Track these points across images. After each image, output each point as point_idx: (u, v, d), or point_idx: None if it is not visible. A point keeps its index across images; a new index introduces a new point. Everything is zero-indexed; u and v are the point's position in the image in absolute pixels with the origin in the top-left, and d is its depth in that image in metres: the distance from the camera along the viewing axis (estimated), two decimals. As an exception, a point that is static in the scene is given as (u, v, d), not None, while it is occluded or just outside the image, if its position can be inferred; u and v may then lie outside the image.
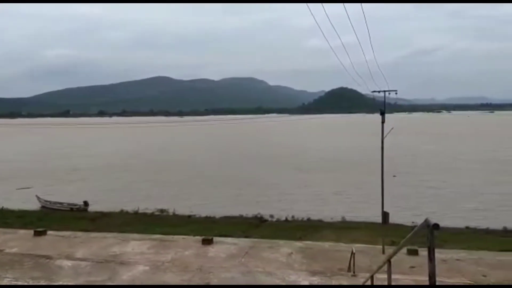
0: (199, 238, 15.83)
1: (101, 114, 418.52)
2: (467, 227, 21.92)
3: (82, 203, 29.36)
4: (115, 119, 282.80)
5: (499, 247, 16.48)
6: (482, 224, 22.87)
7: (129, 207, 28.01)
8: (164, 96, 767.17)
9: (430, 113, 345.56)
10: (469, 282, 11.63)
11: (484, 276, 12.26)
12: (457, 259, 13.56)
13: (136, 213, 26.99)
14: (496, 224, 22.58)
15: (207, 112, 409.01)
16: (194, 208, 28.29)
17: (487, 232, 21.30)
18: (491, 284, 11.55)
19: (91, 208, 28.94)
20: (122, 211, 27.49)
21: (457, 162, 51.40)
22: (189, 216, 26.23)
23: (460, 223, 22.60)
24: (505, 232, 21.28)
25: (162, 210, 27.73)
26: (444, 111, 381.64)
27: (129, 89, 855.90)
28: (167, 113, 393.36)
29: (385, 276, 5.94)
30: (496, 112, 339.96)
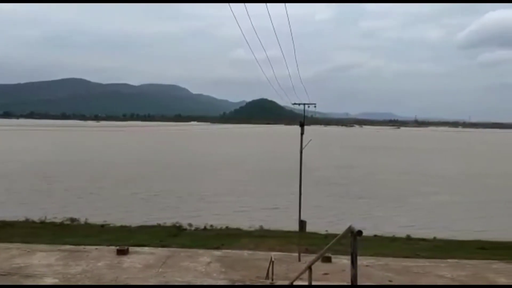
0: (114, 248, 15.18)
1: (6, 115, 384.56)
2: (375, 235, 23.30)
3: None
4: (22, 121, 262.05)
5: (403, 254, 17.78)
6: (389, 232, 24.45)
7: (35, 216, 26.00)
8: (80, 99, 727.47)
9: (344, 127, 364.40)
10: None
11: (390, 281, 13.15)
12: (366, 265, 14.38)
13: (43, 222, 25.08)
14: (401, 232, 24.27)
15: (125, 118, 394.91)
16: (108, 217, 27.02)
17: (393, 239, 22.80)
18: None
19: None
20: (27, 220, 25.41)
21: (380, 173, 54.54)
22: (103, 226, 24.96)
23: (370, 231, 23.97)
24: (408, 239, 22.96)
25: (72, 219, 26.08)
26: (356, 125, 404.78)
27: (40, 90, 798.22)
28: (82, 117, 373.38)
29: (302, 283, 6.15)
30: (402, 128, 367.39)
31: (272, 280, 11.77)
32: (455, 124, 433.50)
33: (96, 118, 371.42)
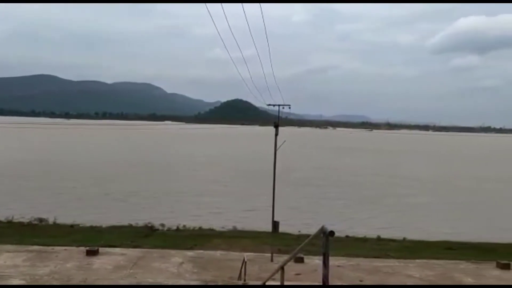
0: (83, 249, 14.88)
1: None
2: (347, 236, 23.61)
3: None
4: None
5: (374, 254, 18.07)
6: (360, 232, 24.83)
7: (2, 215, 25.18)
8: (50, 96, 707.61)
9: (318, 129, 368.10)
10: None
11: (361, 281, 13.35)
12: (338, 266, 14.54)
13: (10, 222, 24.33)
14: (372, 233, 24.68)
15: (97, 116, 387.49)
16: (78, 217, 26.40)
17: (364, 240, 23.15)
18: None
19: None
20: (-8, 219, 24.62)
21: (355, 175, 55.20)
22: (72, 226, 24.37)
23: (342, 232, 24.24)
24: (379, 240, 23.36)
25: (41, 219, 25.37)
26: (330, 127, 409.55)
27: (11, 87, 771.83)
28: (52, 115, 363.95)
29: (275, 283, 6.17)
30: (374, 130, 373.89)
31: (245, 280, 11.76)
32: (425, 127, 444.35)
33: (67, 116, 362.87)
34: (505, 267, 15.39)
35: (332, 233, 3.64)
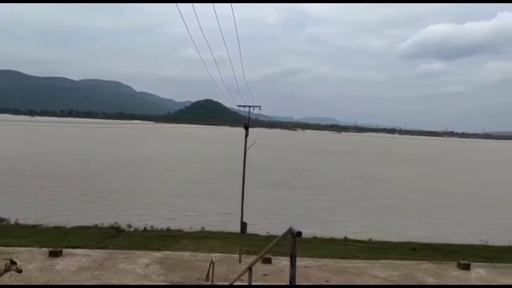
0: (46, 250, 14.46)
1: None
2: (314, 237, 23.87)
3: None
4: None
5: (340, 255, 18.35)
6: (327, 233, 25.14)
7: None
8: (13, 92, 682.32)
9: (287, 130, 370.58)
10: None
11: (327, 281, 13.54)
12: (305, 266, 14.69)
13: (-32, 222, 23.43)
14: (338, 234, 25.04)
15: (63, 114, 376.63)
16: (41, 217, 25.69)
17: (331, 241, 23.47)
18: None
19: None
20: (-52, 219, 23.59)
21: (327, 177, 55.72)
22: (34, 226, 23.69)
23: (309, 233, 24.54)
24: (345, 241, 23.74)
25: (1, 219, 24.51)
26: (299, 129, 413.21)
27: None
28: (15, 112, 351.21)
29: (242, 284, 6.18)
30: (342, 132, 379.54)
31: (212, 281, 11.72)
32: (392, 130, 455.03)
33: (31, 113, 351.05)
34: (465, 267, 15.93)
35: (299, 233, 3.68)
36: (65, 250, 14.63)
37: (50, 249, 14.42)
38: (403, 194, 44.89)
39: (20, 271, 8.29)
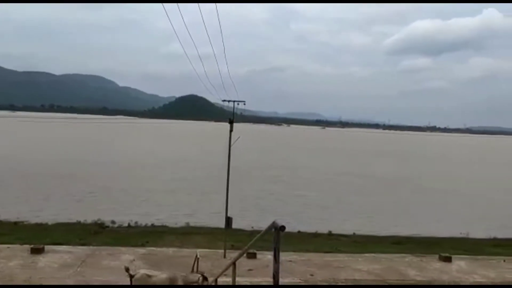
0: (28, 247, 14.26)
1: None
2: (299, 231, 24.00)
3: None
4: None
5: (325, 249, 18.50)
6: (311, 228, 25.31)
7: None
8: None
9: (272, 125, 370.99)
10: (299, 281, 12.79)
11: (312, 275, 13.64)
12: (289, 261, 14.78)
13: None
14: (323, 228, 25.24)
15: (44, 109, 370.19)
16: (22, 214, 25.27)
17: (315, 235, 23.66)
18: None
19: None
20: None
21: (313, 173, 55.78)
22: (16, 223, 23.33)
23: (294, 228, 24.60)
24: (329, 235, 23.95)
25: (-19, 216, 24.08)
26: (284, 124, 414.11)
27: None
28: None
29: (227, 279, 6.18)
30: (327, 128, 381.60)
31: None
32: (376, 125, 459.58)
33: (12, 108, 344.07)
34: (447, 259, 16.25)
35: (283, 227, 3.68)
36: (47, 247, 14.45)
37: (32, 246, 14.23)
38: (385, 189, 45.36)
39: None
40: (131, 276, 8.50)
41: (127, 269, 8.72)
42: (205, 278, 8.59)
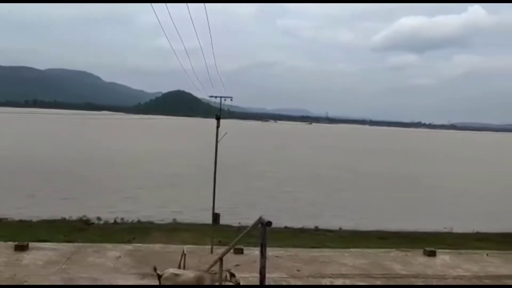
0: (12, 244, 14.08)
1: None
2: (285, 227, 24.09)
3: None
4: None
5: (311, 244, 18.61)
6: (298, 224, 25.40)
7: None
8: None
9: (260, 121, 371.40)
10: (286, 276, 12.87)
11: (298, 270, 13.73)
12: (276, 256, 14.85)
13: None
14: (310, 223, 25.36)
15: (27, 104, 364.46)
16: (6, 211, 24.87)
17: (302, 231, 23.75)
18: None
19: None
20: None
21: (301, 169, 55.88)
22: (-1, 220, 22.97)
23: (281, 223, 24.65)
24: (316, 230, 24.07)
25: (-36, 213, 23.66)
26: (271, 120, 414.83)
27: None
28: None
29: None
30: (314, 124, 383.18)
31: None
32: (362, 121, 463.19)
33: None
34: (431, 254, 16.50)
35: (269, 223, 3.70)
36: (31, 244, 14.29)
37: (16, 243, 14.05)
38: (371, 185, 45.76)
39: None
40: (159, 276, 8.70)
41: (155, 269, 8.97)
42: (232, 275, 8.69)
